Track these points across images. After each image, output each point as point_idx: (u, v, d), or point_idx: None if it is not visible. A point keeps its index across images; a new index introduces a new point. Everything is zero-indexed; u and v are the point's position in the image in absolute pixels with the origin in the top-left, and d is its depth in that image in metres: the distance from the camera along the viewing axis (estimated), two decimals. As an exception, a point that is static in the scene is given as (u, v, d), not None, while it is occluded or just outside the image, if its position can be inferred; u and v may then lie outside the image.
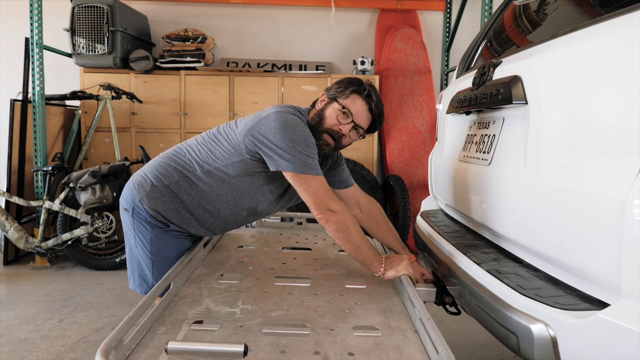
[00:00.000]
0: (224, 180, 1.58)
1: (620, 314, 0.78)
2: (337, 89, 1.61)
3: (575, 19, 1.16)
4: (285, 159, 1.46)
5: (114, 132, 4.03)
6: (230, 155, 1.57)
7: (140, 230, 1.62)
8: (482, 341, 2.51)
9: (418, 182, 4.42)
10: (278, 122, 1.49)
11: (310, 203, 1.49)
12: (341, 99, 1.58)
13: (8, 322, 2.69)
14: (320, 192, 1.48)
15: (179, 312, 1.27)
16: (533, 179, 1.09)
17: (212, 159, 1.59)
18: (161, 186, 1.59)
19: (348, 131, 1.59)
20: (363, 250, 1.50)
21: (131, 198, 1.62)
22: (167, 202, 1.59)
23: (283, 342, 1.11)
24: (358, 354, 1.07)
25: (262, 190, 1.62)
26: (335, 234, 1.49)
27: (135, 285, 1.70)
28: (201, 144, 1.64)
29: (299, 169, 1.46)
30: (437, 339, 1.02)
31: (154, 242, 1.61)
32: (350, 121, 1.58)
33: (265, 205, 1.66)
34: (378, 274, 1.52)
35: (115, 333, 0.97)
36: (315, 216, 1.50)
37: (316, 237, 2.15)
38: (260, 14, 4.81)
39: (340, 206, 1.50)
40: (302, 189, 1.48)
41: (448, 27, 4.79)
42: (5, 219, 3.52)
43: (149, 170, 1.64)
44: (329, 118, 1.59)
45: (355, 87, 1.59)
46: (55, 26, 4.33)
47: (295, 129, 1.49)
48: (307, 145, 1.49)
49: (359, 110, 1.58)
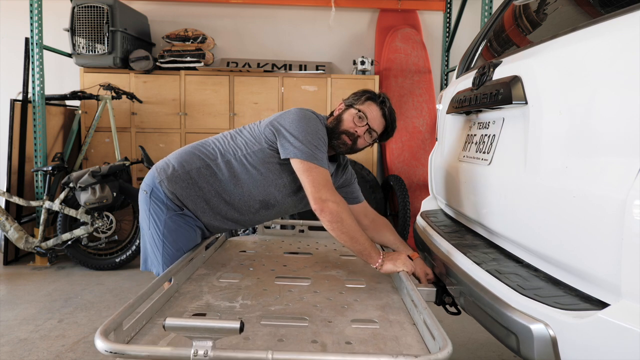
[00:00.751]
0: (241, 171, 1.67)
1: (620, 314, 0.78)
2: (353, 97, 1.77)
3: (575, 19, 1.16)
4: (295, 146, 1.58)
5: (114, 132, 4.03)
6: (251, 144, 1.69)
7: (155, 211, 1.69)
8: (482, 341, 2.51)
9: (418, 182, 4.42)
10: (296, 115, 1.65)
11: (308, 192, 1.56)
12: (357, 105, 1.73)
13: (8, 322, 2.69)
14: (319, 181, 1.55)
15: (179, 305, 1.29)
16: (533, 179, 1.09)
17: (233, 148, 1.70)
18: (182, 171, 1.68)
19: (363, 133, 1.72)
20: (359, 241, 1.54)
21: (151, 180, 1.71)
22: (185, 187, 1.67)
23: (281, 332, 1.13)
24: (355, 343, 1.08)
25: (276, 183, 1.69)
26: (330, 224, 1.54)
27: (147, 266, 1.76)
28: (226, 137, 1.76)
29: (305, 156, 1.56)
30: (432, 324, 1.03)
31: (167, 224, 1.67)
32: (365, 124, 1.71)
33: (277, 198, 1.73)
34: (375, 266, 1.55)
35: (115, 316, 0.99)
36: (312, 206, 1.56)
37: (317, 243, 2.16)
38: (260, 14, 4.81)
39: (335, 197, 1.56)
40: (304, 176, 1.57)
41: (448, 27, 4.79)
42: (5, 219, 3.52)
43: (173, 157, 1.74)
44: (346, 121, 1.72)
45: (371, 95, 1.75)
46: (55, 26, 4.32)
47: (311, 122, 1.64)
48: (317, 138, 1.61)
49: (373, 115, 1.72)
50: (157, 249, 1.69)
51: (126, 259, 3.68)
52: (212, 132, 3.51)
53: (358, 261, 1.82)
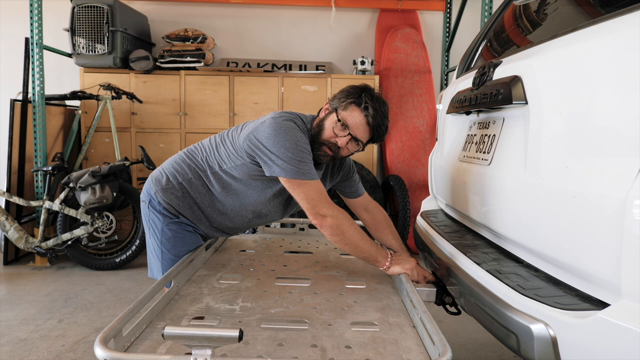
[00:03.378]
0: (229, 183, 1.64)
1: (620, 314, 0.78)
2: (339, 98, 1.59)
3: (575, 19, 1.16)
4: (278, 165, 1.48)
5: (114, 132, 4.03)
6: (234, 158, 1.61)
7: (153, 220, 1.69)
8: (482, 341, 2.51)
9: (418, 182, 4.42)
10: (272, 127, 1.50)
11: (304, 208, 1.52)
12: (340, 110, 1.56)
13: (8, 322, 2.69)
14: (312, 197, 1.49)
15: (179, 308, 1.29)
16: (533, 179, 1.09)
17: (219, 160, 1.64)
18: (175, 182, 1.67)
19: (345, 144, 1.57)
20: (363, 249, 1.53)
21: (148, 191, 1.71)
22: (180, 197, 1.67)
23: (281, 335, 1.12)
24: (355, 347, 1.07)
25: (265, 193, 1.65)
26: (332, 237, 1.52)
27: (153, 274, 1.76)
28: (212, 146, 1.69)
29: (291, 174, 1.47)
30: (432, 329, 1.02)
31: (164, 232, 1.67)
32: (347, 134, 1.56)
33: (269, 208, 1.70)
34: (383, 268, 1.54)
35: (114, 323, 0.98)
36: (311, 220, 1.52)
37: (318, 242, 2.16)
38: (260, 14, 4.81)
39: (332, 211, 1.50)
40: (296, 194, 1.51)
41: (448, 27, 4.79)
42: (5, 219, 3.52)
43: (167, 166, 1.72)
44: (327, 130, 1.57)
45: (354, 98, 1.55)
46: (55, 26, 4.33)
47: (287, 134, 1.49)
48: (299, 151, 1.48)
49: (356, 123, 1.54)
50: (157, 257, 1.70)
51: (126, 259, 3.68)
52: (212, 133, 3.51)
53: (358, 261, 1.82)
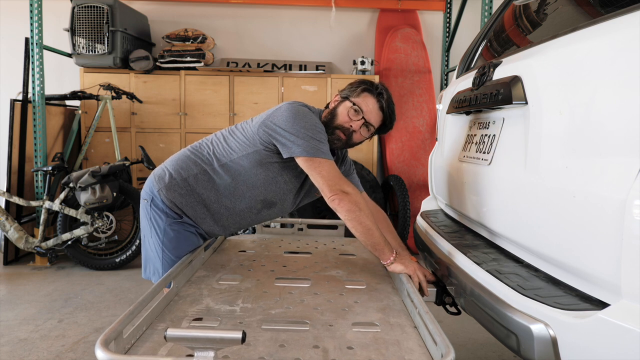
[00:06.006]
0: (239, 173, 1.65)
1: (620, 314, 0.78)
2: (349, 88, 1.69)
3: (575, 19, 1.16)
4: (297, 144, 1.53)
5: (114, 132, 4.03)
6: (245, 146, 1.64)
7: (155, 219, 1.67)
8: (482, 341, 2.51)
9: (418, 182, 4.42)
10: (289, 111, 1.58)
11: (323, 185, 1.53)
12: (353, 97, 1.65)
13: (8, 322, 2.69)
14: (332, 174, 1.53)
15: (179, 310, 1.28)
16: (533, 179, 1.09)
17: (228, 151, 1.66)
18: (179, 179, 1.66)
19: (359, 127, 1.65)
20: (374, 234, 1.52)
21: (150, 189, 1.69)
22: (184, 194, 1.65)
23: (282, 337, 1.12)
24: (357, 347, 1.07)
25: (277, 181, 1.67)
26: (348, 214, 1.51)
27: (147, 274, 1.75)
28: (219, 139, 1.71)
29: (311, 152, 1.52)
30: (435, 330, 1.02)
31: (166, 232, 1.66)
32: (360, 117, 1.64)
33: (280, 195, 1.71)
34: (386, 262, 1.53)
35: (115, 325, 0.98)
36: (327, 198, 1.53)
37: (317, 242, 2.16)
38: (260, 14, 4.81)
39: (353, 189, 1.55)
40: (315, 172, 1.54)
41: (448, 27, 4.79)
42: (5, 219, 3.52)
43: (170, 164, 1.71)
44: (340, 115, 1.66)
45: (367, 86, 1.66)
46: (55, 26, 4.33)
47: (305, 116, 1.58)
48: (317, 132, 1.56)
49: (369, 108, 1.64)
50: (157, 257, 1.68)
51: (126, 259, 3.68)
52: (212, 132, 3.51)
53: (357, 261, 1.82)
